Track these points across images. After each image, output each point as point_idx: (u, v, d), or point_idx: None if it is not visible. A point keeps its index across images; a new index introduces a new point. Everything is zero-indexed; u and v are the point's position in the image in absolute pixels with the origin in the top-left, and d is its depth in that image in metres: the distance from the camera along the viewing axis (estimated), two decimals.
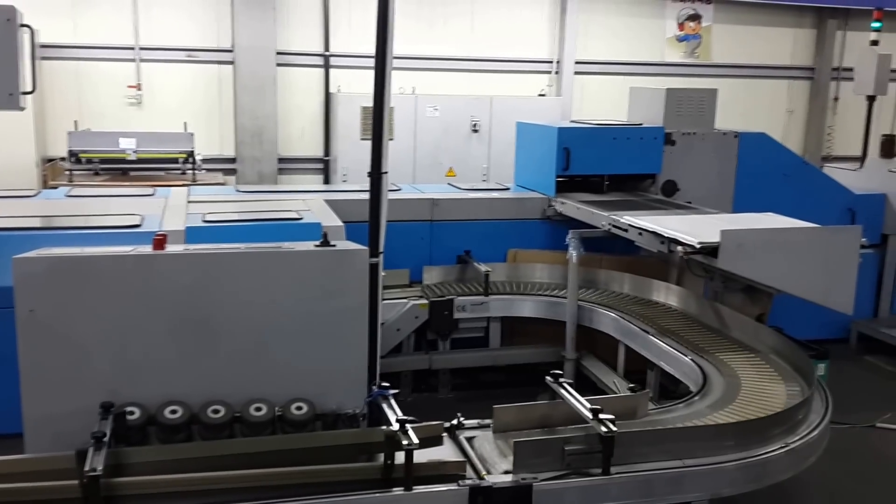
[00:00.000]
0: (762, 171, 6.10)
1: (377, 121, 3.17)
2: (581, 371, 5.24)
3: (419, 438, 2.69)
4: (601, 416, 2.86)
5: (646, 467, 2.93)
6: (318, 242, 3.19)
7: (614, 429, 2.82)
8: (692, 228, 4.27)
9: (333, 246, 3.13)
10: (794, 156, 6.46)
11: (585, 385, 5.00)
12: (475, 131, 8.97)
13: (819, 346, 5.43)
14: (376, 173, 3.20)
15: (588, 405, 2.96)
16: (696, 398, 3.62)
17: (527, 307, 5.35)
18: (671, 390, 4.49)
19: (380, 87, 3.11)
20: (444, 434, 3.02)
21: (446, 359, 5.31)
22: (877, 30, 7.09)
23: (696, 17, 10.38)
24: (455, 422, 3.18)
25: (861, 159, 6.99)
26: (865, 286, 6.46)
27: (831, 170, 7.13)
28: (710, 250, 3.87)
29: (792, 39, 10.68)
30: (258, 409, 3.04)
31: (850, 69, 7.84)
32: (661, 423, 3.23)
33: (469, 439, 3.11)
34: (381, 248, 3.25)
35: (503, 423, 3.14)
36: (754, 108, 10.54)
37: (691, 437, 3.03)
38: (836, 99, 10.53)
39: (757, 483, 3.12)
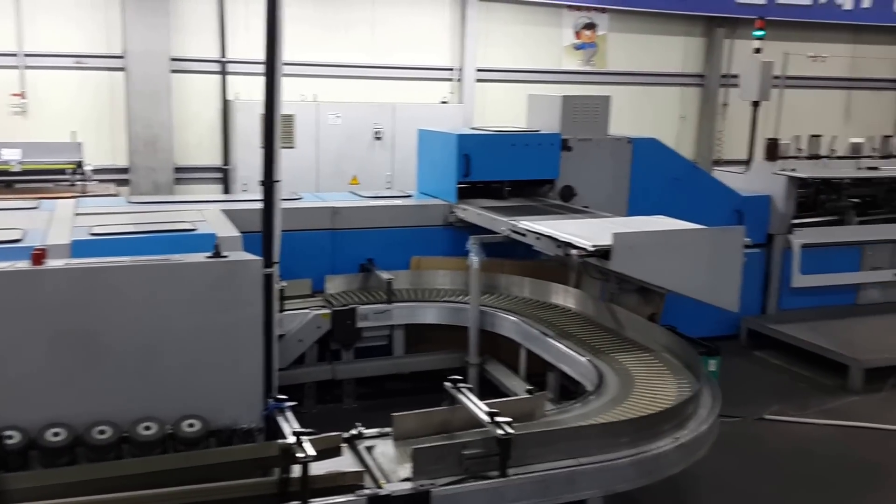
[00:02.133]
0: (654, 175, 6.30)
1: (268, 128, 3.11)
2: (485, 375, 5.28)
3: (317, 450, 2.65)
4: (498, 419, 2.89)
5: (542, 468, 2.98)
6: (209, 254, 3.11)
7: (511, 431, 2.85)
8: (587, 232, 4.36)
9: (225, 257, 3.06)
10: (684, 160, 6.71)
11: (489, 389, 5.05)
12: (378, 139, 8.95)
13: (711, 343, 5.63)
14: (268, 181, 3.14)
15: (485, 409, 2.98)
16: (592, 397, 3.70)
17: (430, 314, 5.35)
18: (573, 391, 4.58)
19: (270, 94, 3.06)
20: (344, 444, 2.98)
21: (350, 368, 5.26)
22: (759, 38, 7.47)
23: (591, 26, 10.67)
24: (355, 432, 3.15)
25: (747, 162, 7.31)
26: (753, 284, 6.78)
27: (720, 173, 7.47)
28: (603, 253, 3.96)
29: (683, 48, 11.11)
30: (147, 428, 2.93)
31: (737, 76, 8.23)
32: (557, 423, 3.29)
33: (369, 448, 3.09)
34: (276, 259, 3.19)
35: (403, 431, 3.14)
36: (649, 115, 10.91)
37: (585, 436, 3.10)
38: (725, 105, 11.01)
39: (649, 478, 3.21)
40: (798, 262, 6.73)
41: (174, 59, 8.64)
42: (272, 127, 3.12)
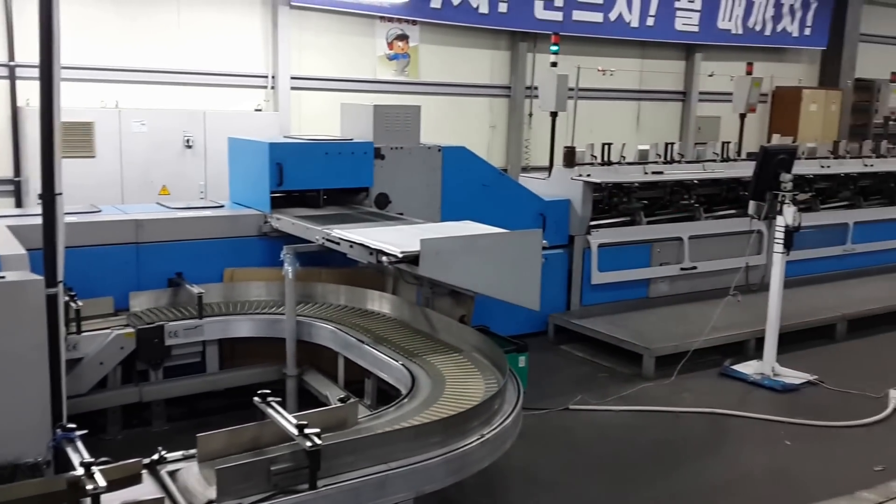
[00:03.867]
0: (465, 182, 6.55)
1: (46, 137, 2.91)
2: (304, 387, 5.24)
3: (111, 480, 2.52)
4: (307, 430, 2.89)
5: (353, 476, 3.00)
6: None
7: (319, 442, 2.86)
8: (398, 239, 4.46)
9: (2, 277, 2.83)
10: (491, 167, 7.01)
11: (310, 400, 5.02)
12: (189, 147, 8.62)
13: (520, 341, 5.96)
14: (48, 195, 2.94)
15: (294, 421, 2.97)
16: (405, 401, 3.79)
17: (244, 327, 5.24)
18: (394, 396, 4.66)
19: (47, 99, 2.85)
20: (145, 471, 2.86)
21: (159, 389, 5.02)
22: (555, 53, 7.96)
23: (404, 37, 10.90)
24: (156, 456, 3.01)
25: (549, 169, 7.76)
26: (558, 282, 7.22)
27: (525, 179, 7.87)
28: (412, 259, 4.07)
29: (490, 60, 11.61)
30: None
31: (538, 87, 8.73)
32: (368, 430, 3.34)
33: (172, 473, 2.97)
34: (61, 277, 2.99)
35: (209, 452, 3.04)
36: (462, 124, 11.31)
37: (394, 441, 3.16)
38: (530, 115, 11.62)
39: (457, 476, 3.33)
40: (596, 260, 7.24)
41: None
42: (51, 135, 2.91)
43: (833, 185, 9.09)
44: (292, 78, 10.09)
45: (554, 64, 7.87)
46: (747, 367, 6.27)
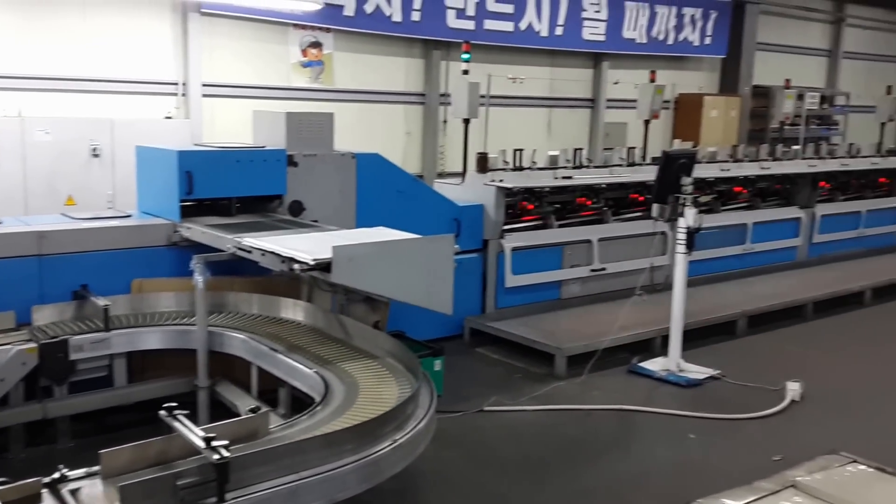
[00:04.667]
0: (379, 189, 6.59)
1: None
2: (216, 398, 5.17)
3: (7, 501, 2.45)
4: (214, 443, 2.87)
5: (264, 486, 2.99)
6: None
7: (227, 455, 2.84)
8: (311, 246, 4.47)
9: None
10: (406, 174, 7.08)
11: (223, 412, 4.96)
12: (96, 156, 8.37)
13: (436, 345, 6.06)
14: None
15: (201, 434, 2.95)
16: (319, 408, 3.81)
17: (153, 339, 5.13)
18: (309, 404, 4.64)
19: None
20: (45, 490, 2.78)
21: (64, 405, 4.85)
22: (466, 61, 8.10)
23: (317, 45, 10.86)
24: (57, 475, 2.93)
25: (463, 175, 7.88)
26: (473, 286, 7.34)
27: (440, 185, 7.97)
28: (325, 266, 4.08)
29: (404, 68, 11.69)
30: None
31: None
32: (280, 440, 3.33)
33: (74, 491, 2.89)
34: None
35: (114, 468, 2.98)
36: (378, 131, 11.34)
37: (305, 449, 3.17)
38: (445, 121, 11.75)
39: (371, 482, 3.35)
40: (510, 264, 7.39)
41: None
42: None
43: (733, 187, 9.52)
44: (204, 85, 9.92)
45: (465, 72, 8.00)
46: (654, 364, 6.52)
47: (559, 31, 12.46)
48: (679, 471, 4.85)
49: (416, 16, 11.07)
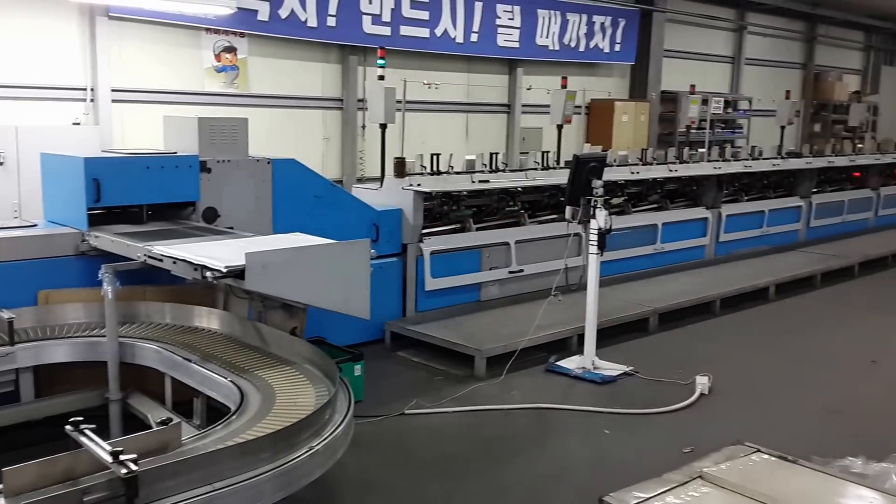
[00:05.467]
0: (296, 194, 6.54)
1: None
2: (129, 410, 5.04)
3: None
4: (122, 457, 2.80)
5: (176, 499, 2.93)
6: None
7: (135, 468, 2.78)
8: (225, 253, 4.41)
9: None
10: (323, 179, 7.04)
11: (137, 425, 4.83)
12: (0, 164, 8.06)
13: (356, 350, 6.05)
14: None
15: (108, 448, 2.88)
16: (234, 417, 3.76)
17: (61, 352, 4.96)
18: (226, 413, 4.57)
19: None
20: None
21: None
22: (382, 66, 8.13)
23: (232, 50, 10.69)
24: None
25: (381, 179, 7.90)
26: (393, 290, 7.37)
27: (358, 190, 7.97)
28: (238, 273, 4.04)
29: (322, 73, 11.63)
30: None
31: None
32: (192, 451, 3.27)
33: None
34: None
35: (18, 486, 2.86)
36: (296, 136, 11.25)
37: (219, 459, 3.13)
38: (363, 127, 11.73)
39: (288, 490, 3.32)
40: (429, 267, 7.45)
41: None
42: None
43: (643, 189, 9.85)
44: (114, 90, 9.65)
45: (381, 77, 8.03)
46: (570, 363, 6.68)
47: (474, 37, 12.62)
48: (594, 465, 4.99)
49: (331, 21, 11.03)
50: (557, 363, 6.69)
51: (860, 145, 14.54)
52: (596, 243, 6.41)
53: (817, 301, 9.38)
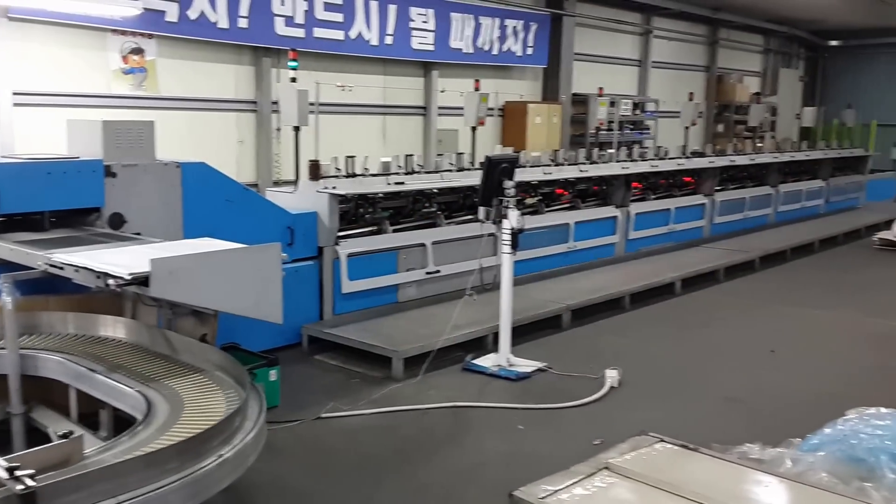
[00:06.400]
0: (207, 199, 6.42)
1: None
2: (32, 424, 4.86)
3: None
4: (18, 472, 2.72)
5: None
6: None
7: (32, 484, 2.71)
8: (129, 260, 4.31)
9: None
10: (235, 182, 6.95)
11: (42, 440, 4.67)
12: None
13: (272, 355, 6.00)
14: None
15: (3, 464, 2.79)
16: (140, 428, 3.69)
17: None
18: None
19: None
20: None
21: None
22: (294, 68, 8.08)
23: (140, 51, 10.41)
24: None
25: (295, 182, 7.84)
26: (310, 294, 7.33)
27: (272, 193, 7.89)
28: (143, 280, 3.96)
29: (234, 75, 11.43)
30: None
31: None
32: (96, 464, 3.19)
33: None
34: None
35: None
36: (209, 140, 11.02)
37: (124, 472, 3.06)
38: (278, 129, 11.59)
39: (197, 499, 3.27)
40: (346, 270, 7.44)
41: None
42: None
43: (555, 189, 10.06)
44: (15, 94, 9.26)
45: (294, 79, 7.97)
46: (486, 361, 6.78)
47: (389, 40, 12.64)
48: (508, 461, 5.09)
49: (243, 23, 10.85)
50: (474, 362, 6.78)
51: (760, 144, 15.26)
52: (509, 243, 6.54)
53: (720, 294, 9.80)
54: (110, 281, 4.01)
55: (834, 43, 24.10)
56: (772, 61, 22.97)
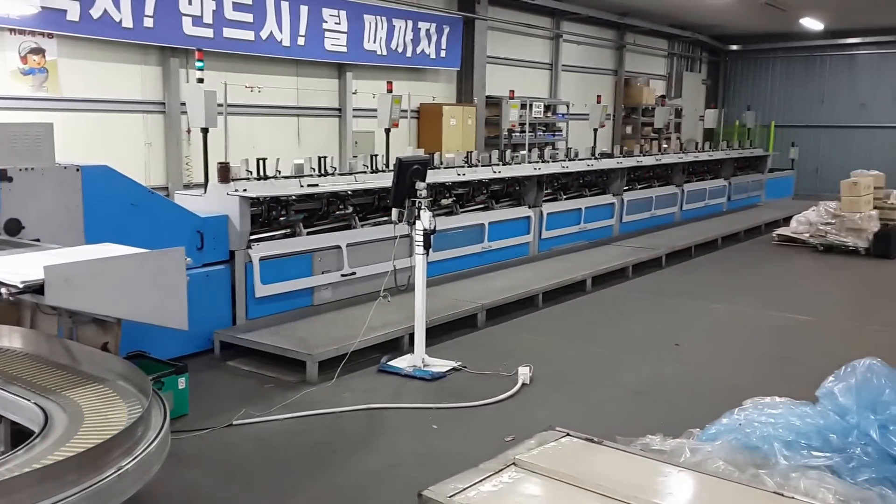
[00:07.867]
0: (110, 203, 6.24)
1: None
2: None
3: None
4: None
5: None
6: None
7: None
8: (23, 267, 4.15)
9: None
10: (140, 186, 6.77)
11: None
12: None
13: (181, 362, 5.87)
14: None
15: None
16: (37, 441, 3.55)
17: None
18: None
19: None
20: None
21: None
22: (200, 69, 7.92)
23: (40, 51, 10.00)
24: None
25: (205, 185, 7.69)
26: (221, 298, 7.20)
27: (181, 197, 7.71)
28: (37, 288, 3.82)
29: (140, 75, 11.09)
30: None
31: None
32: None
33: None
34: None
35: None
36: (115, 142, 10.69)
37: (16, 487, 2.95)
38: (188, 131, 11.31)
39: None
40: (258, 273, 7.34)
41: None
42: None
43: (470, 190, 10.19)
44: None
45: (200, 80, 7.81)
46: (401, 362, 6.81)
47: (301, 41, 12.51)
48: (422, 461, 5.13)
49: (148, 22, 10.55)
50: (389, 363, 6.80)
51: (665, 145, 15.80)
52: (422, 244, 6.58)
53: (629, 291, 10.11)
54: (2, 290, 3.85)
55: (734, 47, 25.12)
56: (676, 65, 23.78)
